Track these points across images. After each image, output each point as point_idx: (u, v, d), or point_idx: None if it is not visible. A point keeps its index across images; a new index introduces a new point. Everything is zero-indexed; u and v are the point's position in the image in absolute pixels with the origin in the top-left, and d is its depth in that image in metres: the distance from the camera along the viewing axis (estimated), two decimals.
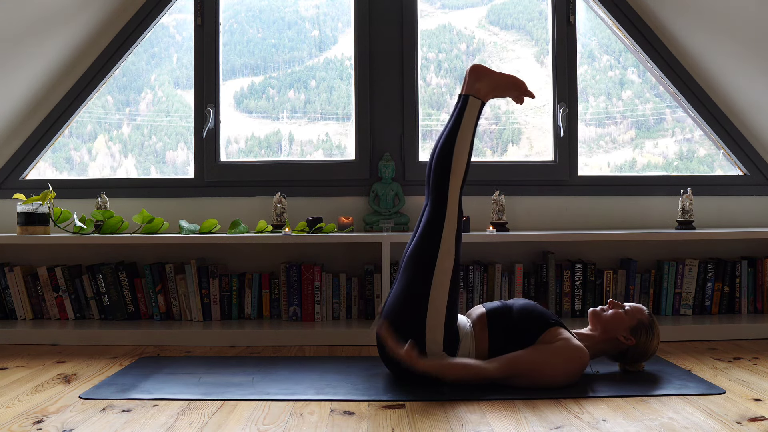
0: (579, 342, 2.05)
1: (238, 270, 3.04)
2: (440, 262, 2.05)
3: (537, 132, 3.29)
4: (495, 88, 2.21)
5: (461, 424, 1.71)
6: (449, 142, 2.11)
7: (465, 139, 2.12)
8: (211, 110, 3.13)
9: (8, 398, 1.95)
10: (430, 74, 3.32)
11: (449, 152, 2.10)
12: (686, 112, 3.27)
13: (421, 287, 2.04)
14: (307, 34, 3.34)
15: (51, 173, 3.27)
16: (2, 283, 2.92)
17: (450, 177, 2.09)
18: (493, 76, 2.21)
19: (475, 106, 2.16)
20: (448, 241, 2.06)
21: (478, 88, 2.19)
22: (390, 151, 3.12)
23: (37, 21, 2.79)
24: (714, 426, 1.68)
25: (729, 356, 2.43)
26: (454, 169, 2.09)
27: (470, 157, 2.13)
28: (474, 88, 2.19)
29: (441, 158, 2.11)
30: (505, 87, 2.23)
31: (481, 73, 2.21)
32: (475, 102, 2.17)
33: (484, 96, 2.20)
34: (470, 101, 2.17)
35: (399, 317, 2.05)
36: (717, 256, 3.05)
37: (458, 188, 2.10)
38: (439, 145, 2.14)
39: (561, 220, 3.13)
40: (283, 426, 1.70)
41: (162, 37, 3.30)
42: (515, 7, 3.36)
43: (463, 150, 2.11)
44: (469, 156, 2.12)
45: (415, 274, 2.06)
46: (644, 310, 2.16)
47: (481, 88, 2.20)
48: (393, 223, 3.00)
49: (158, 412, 1.82)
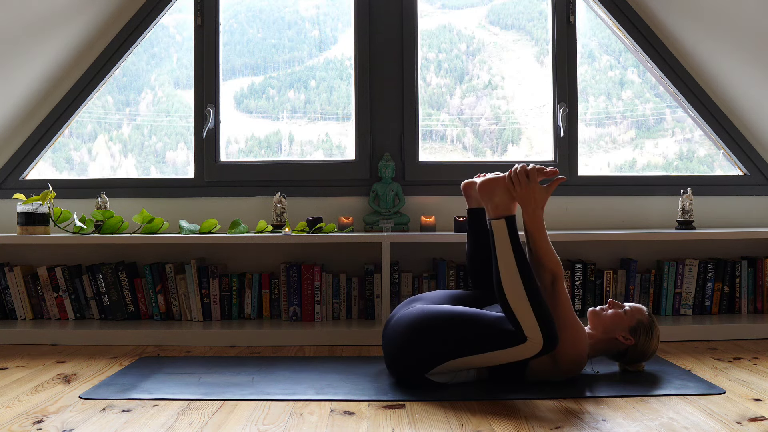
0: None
1: (238, 270, 3.04)
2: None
3: (537, 132, 3.29)
4: (509, 190, 2.05)
5: (461, 424, 1.71)
6: (497, 277, 1.97)
7: (507, 265, 1.96)
8: (211, 110, 3.13)
9: (8, 398, 1.95)
10: (430, 74, 3.32)
11: (501, 288, 1.96)
12: (686, 112, 3.27)
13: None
14: (307, 34, 3.34)
15: (51, 173, 3.27)
16: (2, 283, 2.92)
17: (513, 307, 1.94)
18: (499, 181, 2.06)
19: (501, 228, 1.99)
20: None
21: (496, 204, 2.03)
22: (390, 151, 3.12)
23: (37, 21, 2.79)
24: (714, 426, 1.68)
25: (729, 356, 2.43)
26: (510, 296, 1.94)
27: (526, 267, 1.96)
28: (492, 210, 2.03)
29: (501, 299, 1.96)
30: (520, 181, 2.04)
31: (487, 187, 2.07)
32: (498, 224, 2.00)
33: (505, 210, 2.03)
34: (494, 226, 2.01)
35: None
36: (717, 256, 3.05)
37: (529, 309, 1.92)
38: (495, 282, 2.00)
39: (561, 219, 3.13)
40: (283, 426, 1.70)
41: (162, 37, 3.30)
42: (515, 7, 3.36)
43: (512, 275, 1.94)
44: (522, 269, 1.95)
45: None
46: (644, 310, 2.15)
47: (499, 203, 2.03)
48: (393, 223, 3.00)
49: (158, 412, 1.82)
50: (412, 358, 2.01)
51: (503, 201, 2.03)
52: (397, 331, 2.04)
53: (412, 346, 2.00)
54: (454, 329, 1.96)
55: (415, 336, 1.99)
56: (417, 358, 2.01)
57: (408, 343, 2.00)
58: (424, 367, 2.01)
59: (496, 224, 2.01)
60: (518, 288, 1.93)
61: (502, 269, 1.96)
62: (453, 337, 1.96)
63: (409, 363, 2.02)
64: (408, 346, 2.01)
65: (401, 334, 2.02)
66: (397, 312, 2.16)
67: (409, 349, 2.01)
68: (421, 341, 1.99)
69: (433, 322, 1.99)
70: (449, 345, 1.96)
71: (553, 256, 2.04)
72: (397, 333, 2.04)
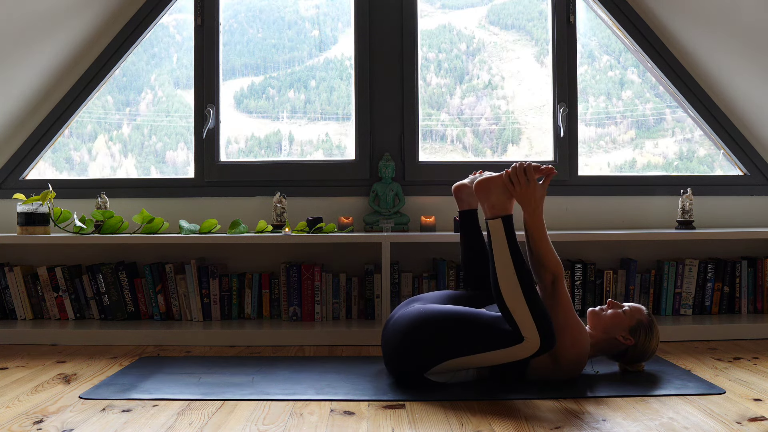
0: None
1: (238, 270, 3.04)
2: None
3: (537, 132, 3.29)
4: (505, 187, 2.03)
5: (461, 424, 1.71)
6: (493, 277, 1.97)
7: (504, 265, 1.95)
8: (211, 110, 3.13)
9: (8, 398, 1.95)
10: (430, 74, 3.32)
11: (498, 288, 1.95)
12: (686, 112, 3.27)
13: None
14: (307, 34, 3.34)
15: (51, 173, 3.27)
16: (2, 283, 2.92)
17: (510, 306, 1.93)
18: (496, 181, 2.05)
19: (497, 228, 1.99)
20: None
21: (492, 204, 2.02)
22: (390, 151, 3.12)
23: (37, 21, 2.79)
24: (714, 426, 1.68)
25: (729, 356, 2.43)
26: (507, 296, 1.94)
27: (523, 266, 1.95)
28: (489, 210, 2.03)
29: (498, 299, 1.96)
30: (519, 181, 2.03)
31: (484, 187, 2.05)
32: (495, 224, 1.99)
33: (502, 210, 2.02)
34: (490, 226, 2.00)
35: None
36: (717, 256, 3.05)
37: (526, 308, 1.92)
38: (492, 283, 2.00)
39: (561, 219, 3.13)
40: (283, 426, 1.70)
41: (162, 37, 3.30)
42: (515, 7, 3.36)
43: (509, 276, 1.94)
44: (519, 269, 1.94)
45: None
46: (643, 310, 2.15)
47: (496, 203, 2.02)
48: (393, 223, 3.00)
49: (158, 412, 1.82)
50: (410, 358, 2.01)
51: (500, 200, 2.03)
52: (395, 331, 2.04)
53: (410, 346, 2.00)
54: (451, 329, 1.96)
55: (413, 336, 2.00)
56: (415, 358, 2.01)
57: (406, 344, 2.01)
58: (423, 367, 2.01)
59: (493, 224, 2.00)
60: (515, 288, 1.92)
61: (498, 269, 1.96)
62: (450, 338, 1.96)
63: (408, 363, 2.03)
64: (406, 346, 2.01)
65: (400, 334, 2.02)
66: (397, 312, 2.16)
67: (408, 349, 2.01)
68: (419, 341, 1.99)
69: (430, 323, 1.99)
70: (447, 345, 1.96)
71: (554, 255, 2.04)
72: (396, 333, 2.04)
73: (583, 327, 2.04)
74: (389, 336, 2.07)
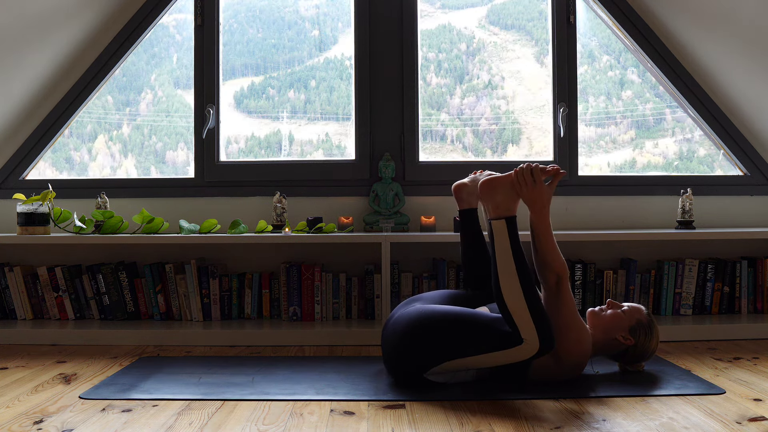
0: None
1: (238, 270, 3.04)
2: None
3: (537, 132, 3.29)
4: (511, 188, 2.02)
5: (461, 424, 1.71)
6: (495, 278, 1.96)
7: (506, 266, 1.95)
8: (211, 110, 3.13)
9: (8, 398, 1.95)
10: (430, 74, 3.32)
11: (498, 289, 1.95)
12: (686, 112, 3.27)
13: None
14: (307, 34, 3.34)
15: (51, 173, 3.27)
16: (2, 283, 2.92)
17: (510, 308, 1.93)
18: (502, 181, 2.04)
19: (501, 228, 1.98)
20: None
21: (497, 204, 2.01)
22: (390, 151, 3.12)
23: (37, 21, 2.79)
24: (714, 426, 1.68)
25: (729, 356, 2.43)
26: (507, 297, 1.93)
27: (525, 268, 1.94)
28: (493, 210, 2.02)
29: (498, 299, 1.95)
30: (526, 182, 2.02)
31: (489, 186, 2.04)
32: (498, 225, 1.99)
33: (506, 210, 2.01)
34: (493, 226, 1.99)
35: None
36: (717, 256, 3.05)
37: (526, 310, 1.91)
38: (493, 283, 1.99)
39: (561, 220, 3.13)
40: (283, 426, 1.70)
41: (162, 37, 3.30)
42: (515, 7, 3.36)
43: (510, 277, 1.93)
44: (520, 270, 1.93)
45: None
46: (643, 310, 2.15)
47: (500, 203, 2.01)
48: (393, 223, 3.00)
49: (158, 412, 1.82)
50: (410, 358, 2.01)
51: (505, 201, 2.02)
52: (395, 332, 2.04)
53: (409, 346, 2.00)
54: (450, 330, 1.96)
55: (412, 337, 1.99)
56: (414, 358, 2.01)
57: (405, 344, 2.00)
58: (422, 368, 2.01)
59: (496, 224, 2.00)
60: (516, 290, 1.92)
61: (500, 270, 1.95)
62: (450, 339, 1.96)
63: (407, 363, 2.02)
64: (405, 347, 2.01)
65: (399, 335, 2.02)
66: (396, 312, 2.16)
67: (407, 349, 2.01)
68: (418, 342, 1.99)
69: (430, 323, 1.99)
70: (446, 346, 1.96)
71: (559, 256, 2.03)
72: (395, 333, 2.04)
73: (586, 328, 2.04)
74: (389, 336, 2.07)
